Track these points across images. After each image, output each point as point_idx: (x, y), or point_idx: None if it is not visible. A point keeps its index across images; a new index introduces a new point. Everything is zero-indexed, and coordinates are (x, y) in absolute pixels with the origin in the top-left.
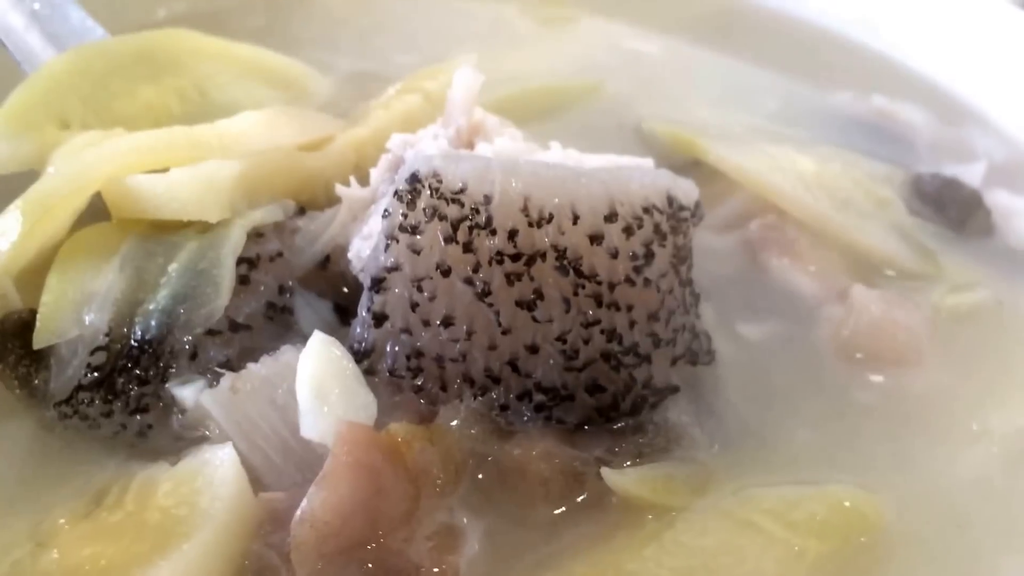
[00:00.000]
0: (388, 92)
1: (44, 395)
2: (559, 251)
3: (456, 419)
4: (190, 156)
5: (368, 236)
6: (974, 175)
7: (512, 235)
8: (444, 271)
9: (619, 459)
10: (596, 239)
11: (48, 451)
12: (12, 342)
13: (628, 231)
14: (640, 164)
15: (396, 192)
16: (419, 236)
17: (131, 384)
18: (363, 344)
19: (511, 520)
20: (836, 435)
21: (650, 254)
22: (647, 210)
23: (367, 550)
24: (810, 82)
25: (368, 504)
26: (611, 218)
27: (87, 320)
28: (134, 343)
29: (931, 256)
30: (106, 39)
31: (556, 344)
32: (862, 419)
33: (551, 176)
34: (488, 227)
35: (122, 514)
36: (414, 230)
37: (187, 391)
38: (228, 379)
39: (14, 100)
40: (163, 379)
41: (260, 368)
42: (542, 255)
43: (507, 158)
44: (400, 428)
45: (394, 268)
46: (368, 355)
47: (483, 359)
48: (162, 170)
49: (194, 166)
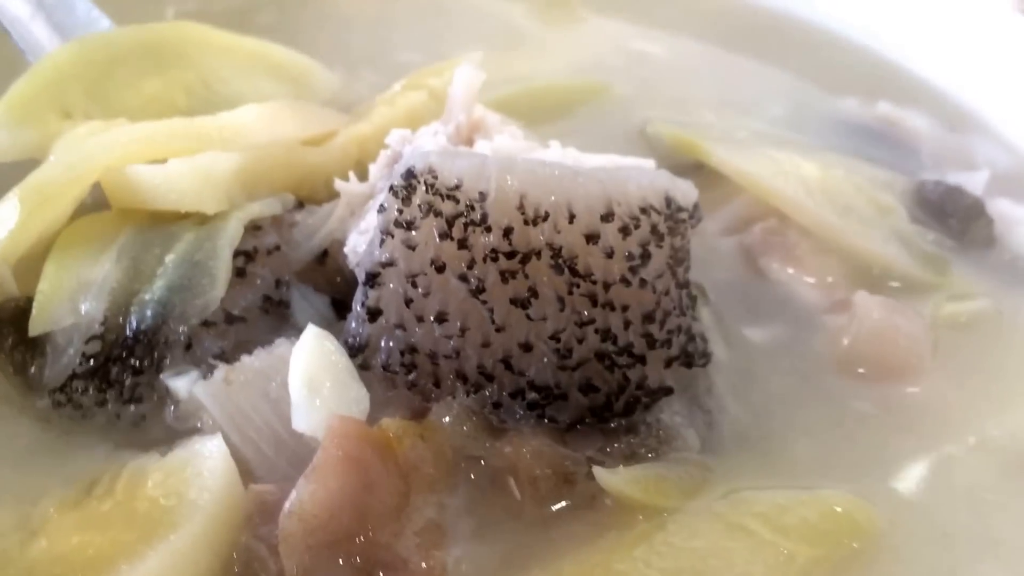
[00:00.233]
0: (393, 89)
1: (39, 383)
2: (554, 249)
3: (449, 416)
4: (190, 147)
5: (365, 231)
6: (977, 184)
7: (507, 232)
8: (439, 267)
9: (611, 459)
10: (592, 238)
11: (41, 439)
12: (8, 329)
13: (624, 231)
14: (640, 165)
15: (392, 188)
16: (414, 232)
17: (125, 374)
18: (357, 339)
19: (501, 517)
20: (831, 442)
21: (646, 255)
22: (644, 210)
23: (355, 544)
24: (816, 87)
25: (357, 498)
26: (607, 218)
27: (83, 309)
28: (129, 333)
29: (932, 264)
30: (112, 30)
31: (550, 343)
32: (858, 426)
33: (547, 174)
34: (483, 224)
35: (111, 504)
36: (409, 226)
37: (181, 382)
38: (222, 371)
39: (17, 89)
40: (157, 369)
41: (254, 360)
42: (537, 253)
43: (504, 155)
44: (392, 423)
45: (389, 263)
46: (362, 350)
47: (476, 356)
48: (162, 161)
49: (192, 157)
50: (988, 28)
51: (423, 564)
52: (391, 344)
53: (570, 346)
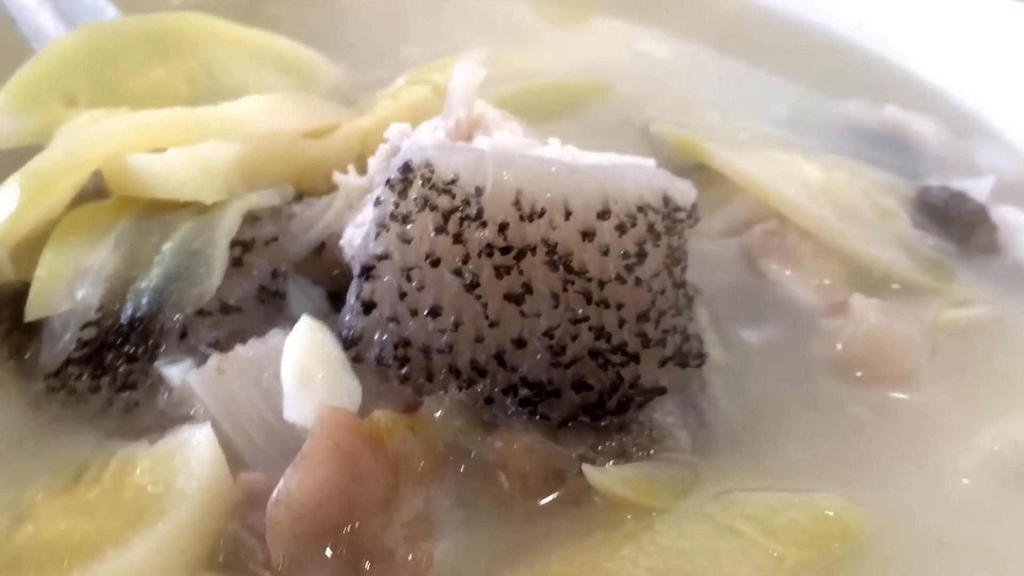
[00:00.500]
0: (396, 83)
1: (34, 368)
2: (550, 246)
3: (440, 410)
4: (191, 137)
5: (361, 224)
6: (982, 190)
7: (503, 228)
8: (433, 261)
9: (602, 457)
10: (588, 235)
11: (33, 425)
12: (5, 314)
13: (621, 229)
14: (639, 163)
15: (388, 181)
16: (410, 225)
17: (120, 360)
18: (351, 331)
19: (489, 512)
20: (825, 446)
21: (643, 253)
22: (642, 209)
23: (342, 534)
24: (822, 90)
25: (345, 488)
26: (604, 215)
27: (79, 295)
28: (125, 320)
29: (933, 269)
30: (118, 19)
31: (543, 339)
32: (852, 431)
33: (544, 171)
34: (479, 219)
35: (99, 490)
36: (405, 219)
37: (174, 370)
38: (215, 359)
39: (21, 75)
40: (152, 357)
41: (247, 350)
42: (532, 249)
43: (501, 151)
44: (383, 415)
45: (384, 256)
46: (356, 343)
47: (469, 351)
48: (162, 150)
49: (192, 147)
50: (998, 34)
51: (409, 556)
52: (385, 337)
53: (563, 343)
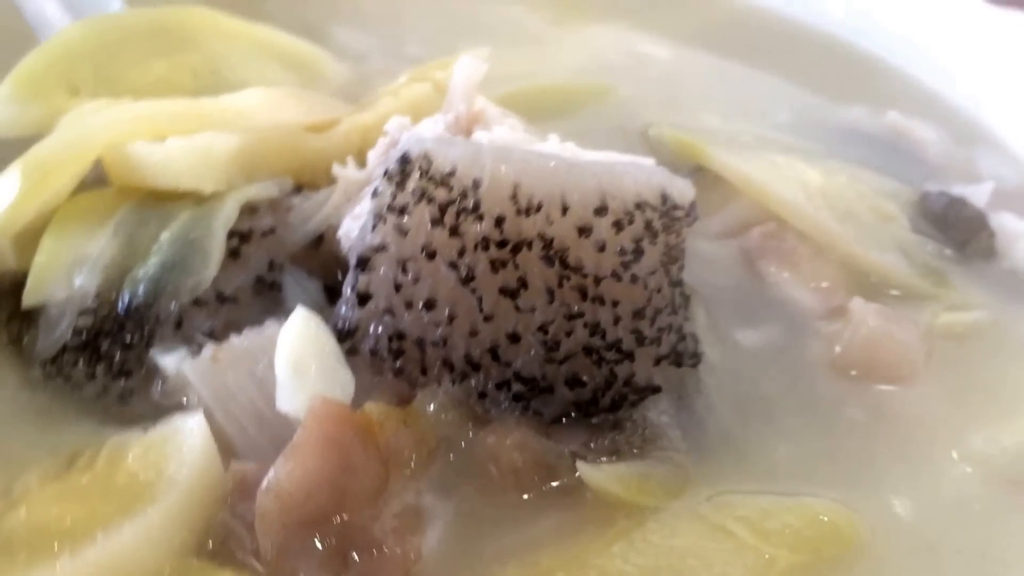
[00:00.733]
0: (399, 80)
1: (31, 354)
2: (546, 241)
3: (433, 403)
4: (192, 127)
5: (359, 216)
6: (981, 196)
7: (499, 222)
8: (429, 254)
9: (594, 454)
10: (584, 231)
11: (29, 411)
12: (4, 301)
13: (618, 226)
14: (638, 162)
15: (386, 172)
16: (406, 217)
17: (115, 348)
18: (347, 323)
19: (479, 507)
20: (819, 449)
21: (639, 250)
22: (639, 206)
23: (331, 524)
24: (824, 95)
25: (335, 479)
26: (601, 211)
27: (77, 283)
28: (121, 308)
29: (931, 274)
30: (124, 11)
31: (538, 334)
32: (847, 435)
33: (542, 165)
34: (475, 212)
35: (91, 476)
36: (402, 211)
37: (169, 359)
38: (210, 349)
39: (26, 65)
40: (147, 345)
41: (242, 340)
42: (528, 244)
43: (500, 145)
44: (375, 408)
45: (380, 248)
46: (352, 335)
47: (464, 345)
48: (163, 140)
49: (192, 137)
50: (1000, 43)
51: (398, 549)
52: (380, 330)
53: (558, 339)
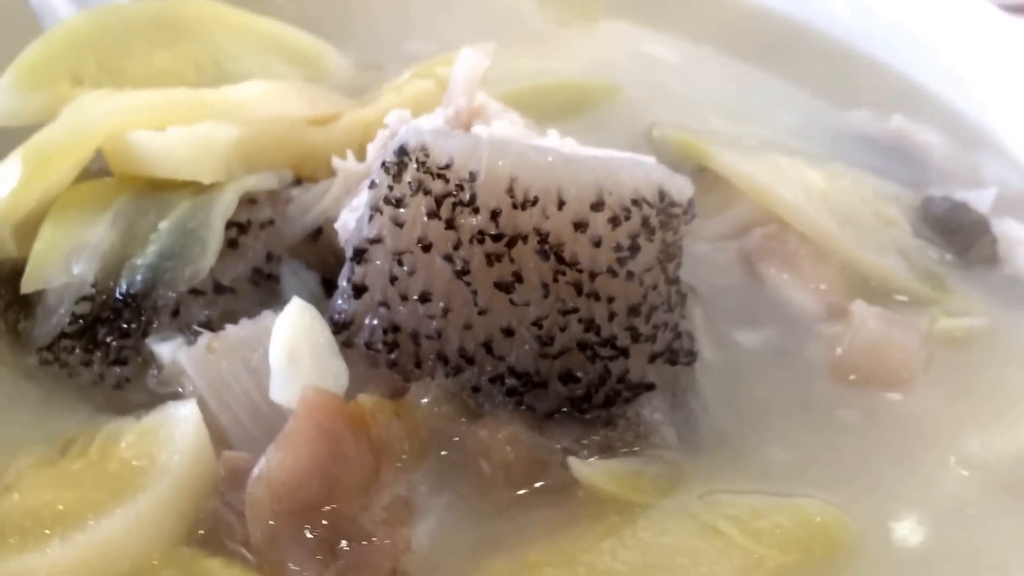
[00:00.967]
0: (402, 76)
1: (28, 341)
2: (541, 235)
3: (427, 396)
4: (193, 117)
5: (356, 208)
6: (984, 201)
7: (495, 215)
8: (425, 246)
9: (587, 451)
10: (580, 226)
11: (25, 397)
12: (3, 288)
13: (614, 221)
14: (638, 159)
15: (383, 164)
16: (403, 209)
17: (112, 336)
18: (343, 315)
19: (470, 501)
20: (813, 451)
21: (636, 247)
22: (636, 202)
23: (321, 514)
24: (829, 98)
25: (325, 469)
26: (598, 207)
27: (75, 270)
28: (119, 296)
29: (932, 278)
30: (128, 2)
31: (532, 329)
32: (842, 437)
33: (540, 159)
34: (471, 205)
35: (84, 463)
36: (398, 203)
37: (165, 347)
38: (205, 338)
39: (30, 53)
40: (144, 333)
41: (238, 330)
42: (523, 238)
43: (498, 138)
44: (368, 399)
45: (376, 240)
46: (347, 327)
47: (458, 338)
48: (164, 129)
49: (192, 126)
50: (1007, 49)
51: (387, 540)
52: (375, 322)
53: (552, 334)
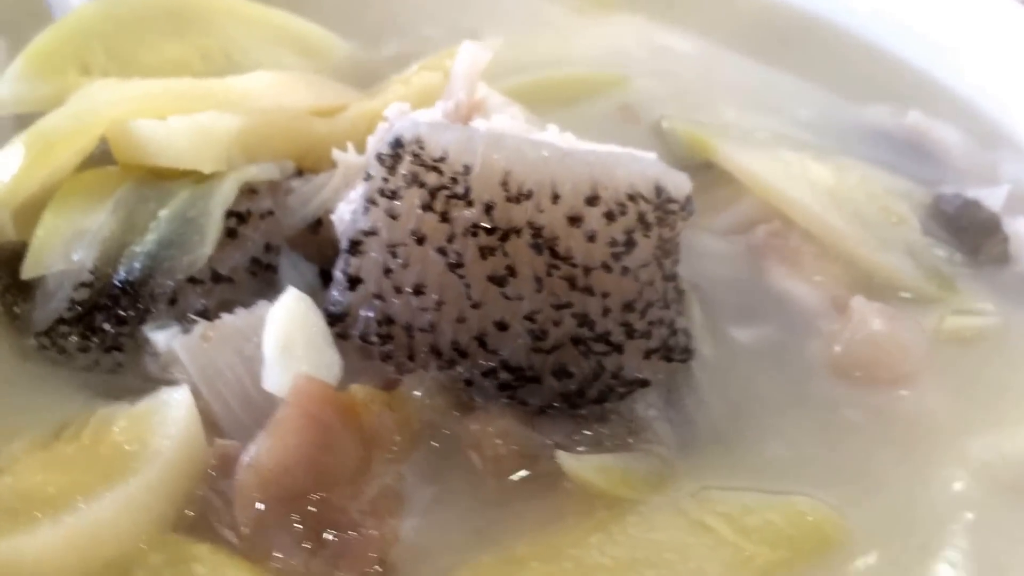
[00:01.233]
0: (411, 68)
1: (26, 325)
2: (535, 229)
3: (419, 389)
4: (196, 107)
5: (353, 200)
6: (996, 199)
7: (489, 208)
8: (419, 239)
9: (578, 446)
10: (575, 221)
11: (20, 381)
12: (3, 272)
13: (610, 216)
14: (637, 155)
15: (379, 156)
16: (397, 201)
17: (109, 322)
18: (338, 307)
19: (459, 493)
20: (811, 449)
21: (631, 242)
22: (632, 197)
23: (309, 502)
24: (845, 93)
25: (314, 458)
26: (592, 201)
27: (75, 256)
28: (117, 283)
29: (939, 277)
30: None
31: (525, 323)
32: (841, 435)
33: (535, 153)
34: (465, 198)
35: (77, 446)
36: (393, 195)
37: (161, 335)
38: (201, 326)
39: (39, 42)
40: (140, 321)
41: (234, 319)
42: (517, 231)
43: (495, 132)
44: (360, 390)
45: (371, 232)
46: (342, 319)
47: (451, 331)
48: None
49: (194, 115)
50: None
51: (375, 531)
52: (369, 314)
53: (546, 328)
